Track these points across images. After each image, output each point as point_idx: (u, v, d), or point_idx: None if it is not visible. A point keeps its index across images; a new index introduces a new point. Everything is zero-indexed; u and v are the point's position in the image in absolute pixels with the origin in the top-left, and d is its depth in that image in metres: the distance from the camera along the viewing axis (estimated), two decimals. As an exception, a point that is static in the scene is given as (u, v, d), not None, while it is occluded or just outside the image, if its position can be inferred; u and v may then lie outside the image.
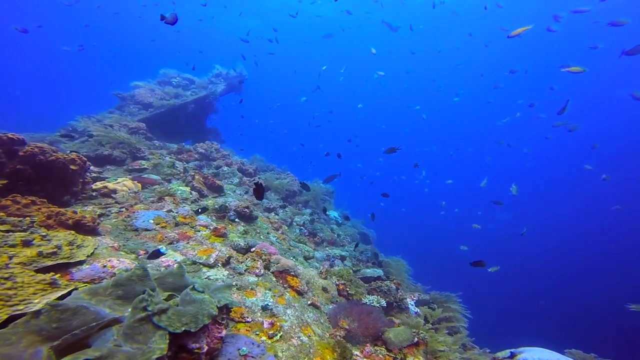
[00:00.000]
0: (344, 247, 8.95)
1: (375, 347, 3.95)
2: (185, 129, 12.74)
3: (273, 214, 7.70)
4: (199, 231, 5.10)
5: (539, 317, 24.58)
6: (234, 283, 4.12)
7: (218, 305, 2.54)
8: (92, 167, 6.14)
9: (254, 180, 9.04)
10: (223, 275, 4.21)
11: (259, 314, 3.74)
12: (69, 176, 4.80)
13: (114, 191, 5.58)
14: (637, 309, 8.22)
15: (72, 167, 4.77)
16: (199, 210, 5.78)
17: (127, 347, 1.85)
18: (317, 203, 10.35)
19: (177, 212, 5.29)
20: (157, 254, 3.68)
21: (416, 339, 3.93)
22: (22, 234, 2.98)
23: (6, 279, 2.25)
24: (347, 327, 4.11)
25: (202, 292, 2.51)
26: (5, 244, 2.71)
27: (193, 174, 7.01)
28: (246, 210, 6.11)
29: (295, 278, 4.84)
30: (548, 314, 24.66)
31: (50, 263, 2.85)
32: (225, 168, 8.79)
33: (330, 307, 4.90)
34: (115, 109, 10.99)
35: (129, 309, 2.27)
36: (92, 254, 3.35)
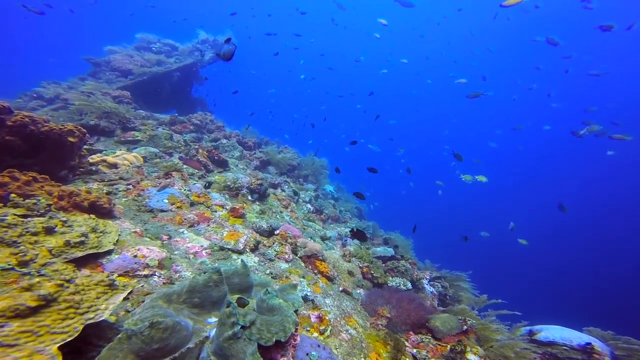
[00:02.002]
0: (347, 223, 8.78)
1: (420, 336, 3.78)
2: (170, 99, 11.78)
3: (279, 190, 7.31)
4: (216, 211, 4.67)
5: (551, 296, 25.83)
6: (267, 271, 3.79)
7: (293, 310, 2.24)
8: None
9: (254, 153, 8.53)
10: (254, 262, 3.86)
11: (302, 307, 3.46)
12: (67, 149, 4.19)
13: (115, 165, 5.00)
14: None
15: (71, 139, 4.15)
16: (206, 185, 5.33)
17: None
18: (316, 177, 10.03)
19: (189, 190, 4.82)
20: None
21: (465, 327, 3.81)
22: (41, 219, 2.48)
23: (68, 281, 1.83)
24: (388, 315, 3.92)
25: (277, 296, 2.19)
26: (27, 232, 2.22)
27: (197, 147, 6.44)
28: (260, 187, 5.70)
29: (323, 263, 4.56)
30: (559, 293, 25.87)
31: (80, 254, 2.40)
32: (224, 140, 8.20)
33: (359, 292, 4.69)
34: (88, 75, 9.88)
35: (208, 319, 1.94)
36: (117, 241, 2.91)
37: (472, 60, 35.61)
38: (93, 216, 2.98)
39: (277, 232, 4.68)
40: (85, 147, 5.37)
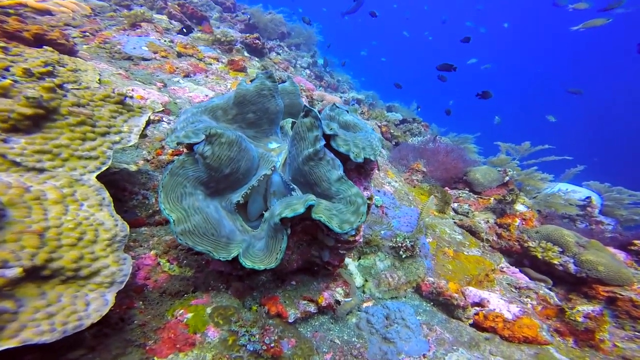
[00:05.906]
0: (345, 93, 7.98)
1: (457, 190, 3.44)
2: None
3: (274, 53, 6.18)
4: (211, 64, 3.76)
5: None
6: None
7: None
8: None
9: (235, 15, 7.04)
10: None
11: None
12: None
13: (47, 12, 3.73)
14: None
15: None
16: (183, 29, 4.28)
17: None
18: (308, 47, 8.76)
19: (171, 41, 3.77)
20: None
21: (507, 178, 3.39)
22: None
23: (59, 86, 1.25)
24: (423, 169, 3.51)
25: (348, 112, 1.56)
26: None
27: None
28: (257, 41, 4.65)
29: (344, 118, 3.94)
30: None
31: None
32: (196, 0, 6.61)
33: (381, 150, 4.23)
34: None
35: (268, 143, 1.46)
36: (99, 81, 2.08)
37: None
38: (51, 49, 2.07)
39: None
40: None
